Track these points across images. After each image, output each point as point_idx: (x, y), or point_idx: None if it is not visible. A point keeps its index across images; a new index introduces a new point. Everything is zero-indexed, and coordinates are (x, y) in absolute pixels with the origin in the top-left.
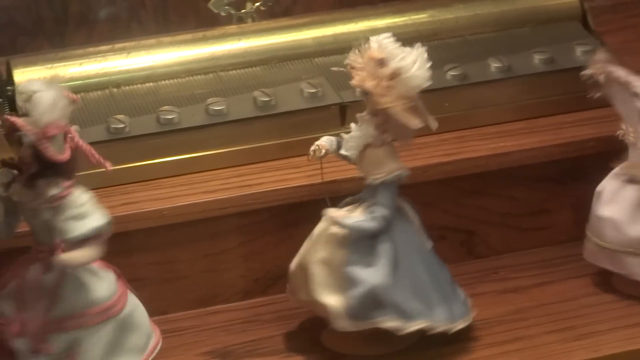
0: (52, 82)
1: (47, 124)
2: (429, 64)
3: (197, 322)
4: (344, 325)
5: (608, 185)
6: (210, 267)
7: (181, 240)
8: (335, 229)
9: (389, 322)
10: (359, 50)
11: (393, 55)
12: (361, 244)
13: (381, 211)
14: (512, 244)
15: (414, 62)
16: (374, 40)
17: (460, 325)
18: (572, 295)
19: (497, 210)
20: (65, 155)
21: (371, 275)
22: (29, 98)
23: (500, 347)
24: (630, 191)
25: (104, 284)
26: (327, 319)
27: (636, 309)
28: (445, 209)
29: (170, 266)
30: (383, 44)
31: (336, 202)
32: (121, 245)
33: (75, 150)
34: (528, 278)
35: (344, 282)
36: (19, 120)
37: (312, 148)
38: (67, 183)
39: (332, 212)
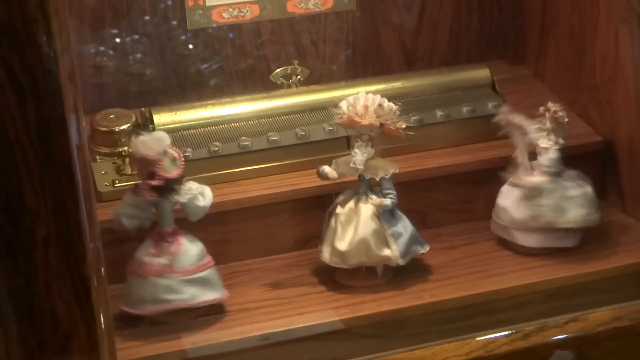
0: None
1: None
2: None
3: (260, 266)
4: (401, 262)
5: (505, 187)
6: (270, 231)
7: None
8: (373, 210)
9: (421, 250)
10: (349, 106)
11: (381, 100)
12: (386, 214)
13: (393, 193)
14: (449, 220)
15: (387, 101)
16: (364, 96)
17: (427, 248)
18: (484, 251)
19: (440, 200)
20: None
21: (405, 227)
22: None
23: (440, 281)
24: (516, 191)
25: None
26: (386, 264)
27: (524, 259)
28: (410, 198)
29: (243, 234)
30: (371, 97)
31: (333, 197)
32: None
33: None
34: (458, 240)
35: (389, 239)
36: None
37: (328, 174)
38: None
39: (376, 201)
